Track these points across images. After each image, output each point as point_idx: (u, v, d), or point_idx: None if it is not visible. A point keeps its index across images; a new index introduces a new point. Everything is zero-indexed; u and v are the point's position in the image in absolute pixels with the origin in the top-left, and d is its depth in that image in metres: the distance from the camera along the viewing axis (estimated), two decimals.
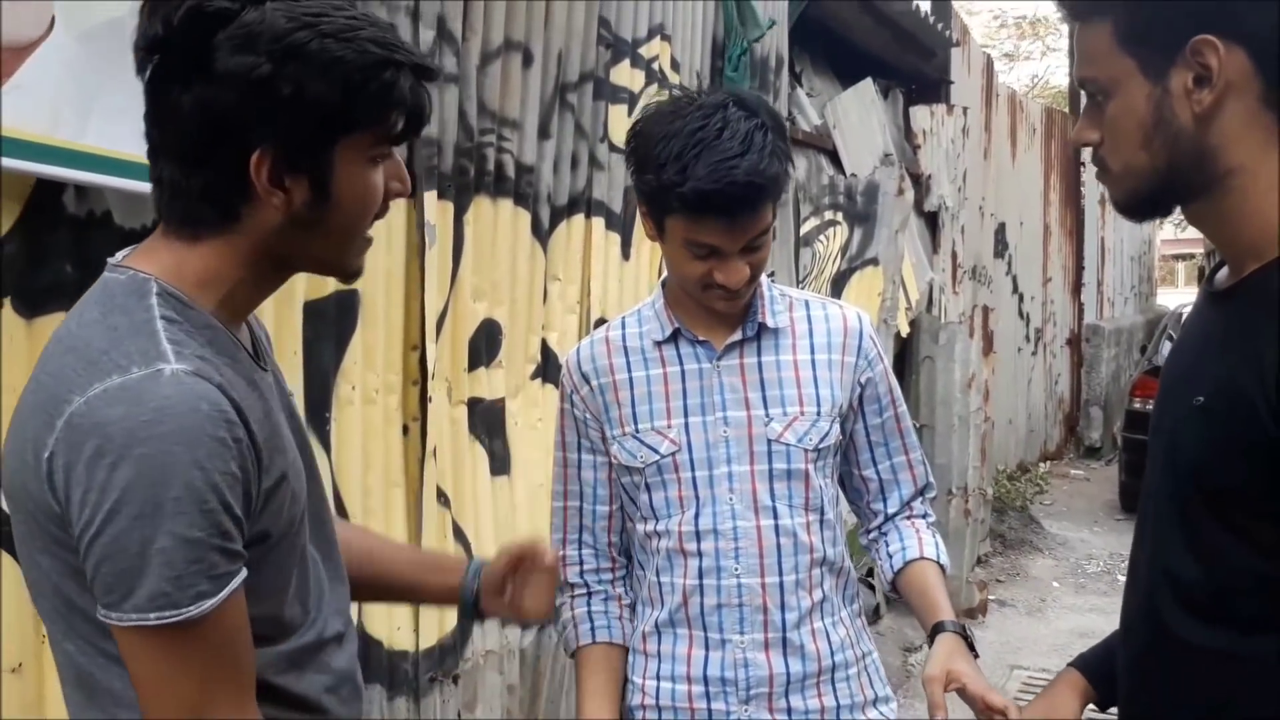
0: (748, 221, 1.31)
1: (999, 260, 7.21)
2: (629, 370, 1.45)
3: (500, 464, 2.51)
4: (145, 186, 1.53)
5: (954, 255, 5.66)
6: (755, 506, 1.40)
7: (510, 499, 2.53)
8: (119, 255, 0.97)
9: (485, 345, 2.44)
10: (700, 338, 1.43)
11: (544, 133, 2.54)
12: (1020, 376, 7.94)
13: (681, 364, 1.44)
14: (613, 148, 2.81)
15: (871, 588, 4.41)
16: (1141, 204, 1.01)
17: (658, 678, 1.44)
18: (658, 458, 1.42)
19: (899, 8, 4.83)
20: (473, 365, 2.41)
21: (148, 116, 0.93)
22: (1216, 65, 0.90)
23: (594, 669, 1.46)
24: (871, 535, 1.55)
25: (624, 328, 1.50)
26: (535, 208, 2.54)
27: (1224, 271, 1.02)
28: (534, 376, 2.61)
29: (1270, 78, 0.90)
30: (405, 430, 2.24)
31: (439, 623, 2.31)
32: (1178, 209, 1.01)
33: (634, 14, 2.86)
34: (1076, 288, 9.94)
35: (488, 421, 2.47)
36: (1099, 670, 1.22)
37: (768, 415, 1.41)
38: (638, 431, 1.43)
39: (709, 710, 1.41)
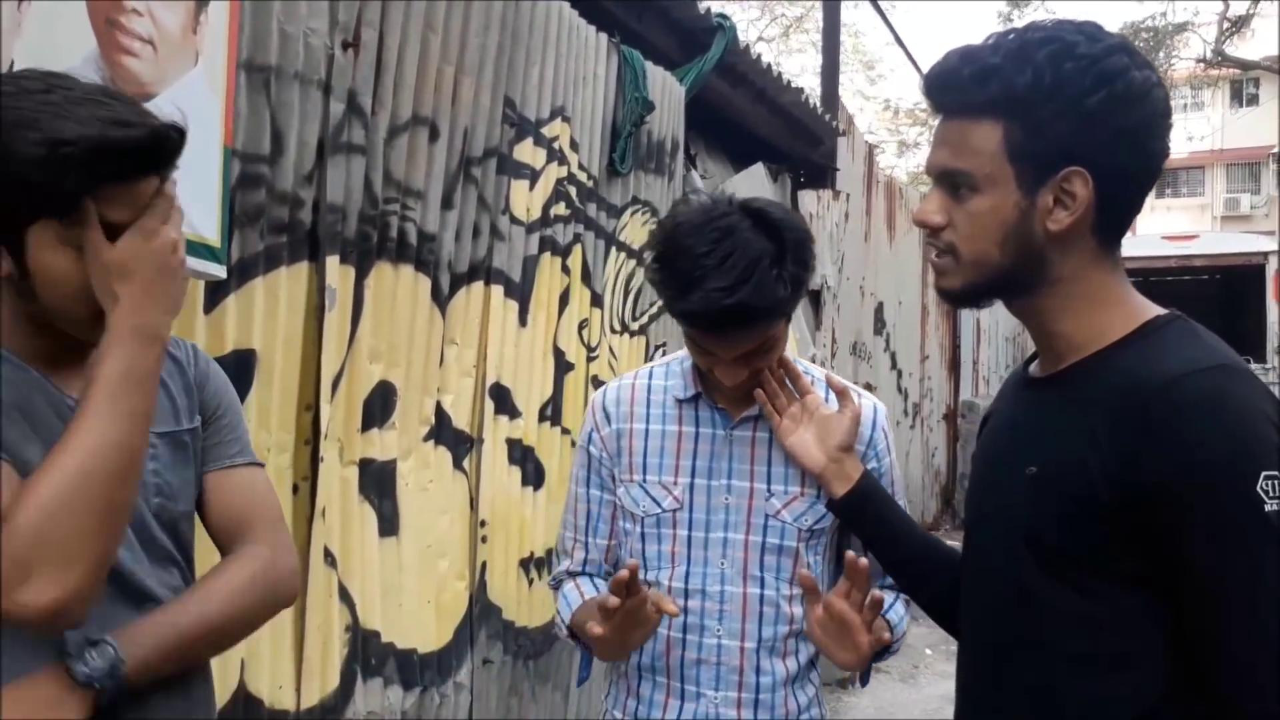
0: (740, 339, 1.38)
1: (878, 337, 7.57)
2: (647, 421, 1.53)
3: (389, 525, 2.54)
4: None
5: (833, 331, 5.95)
6: (745, 574, 1.47)
7: (398, 560, 2.56)
8: None
9: (380, 406, 2.49)
10: (719, 405, 1.51)
11: (447, 203, 2.64)
12: (899, 448, 8.27)
13: (697, 425, 1.51)
14: (514, 219, 2.93)
15: None
16: (975, 292, 1.13)
17: (636, 717, 1.53)
18: (659, 511, 1.50)
19: (790, 98, 5.14)
20: (366, 426, 2.45)
21: None
22: (1082, 194, 1.04)
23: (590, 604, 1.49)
24: None
25: (651, 378, 1.57)
26: (435, 274, 2.63)
27: (1035, 364, 1.17)
28: (427, 438, 2.66)
29: (1099, 213, 1.06)
30: (295, 489, 2.26)
31: (320, 682, 2.31)
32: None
33: (537, 96, 3.00)
34: (953, 365, 10.46)
35: (379, 482, 2.50)
36: (865, 509, 1.43)
37: (769, 490, 1.48)
38: (645, 481, 1.51)
39: None
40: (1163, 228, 20.80)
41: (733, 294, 1.31)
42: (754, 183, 4.97)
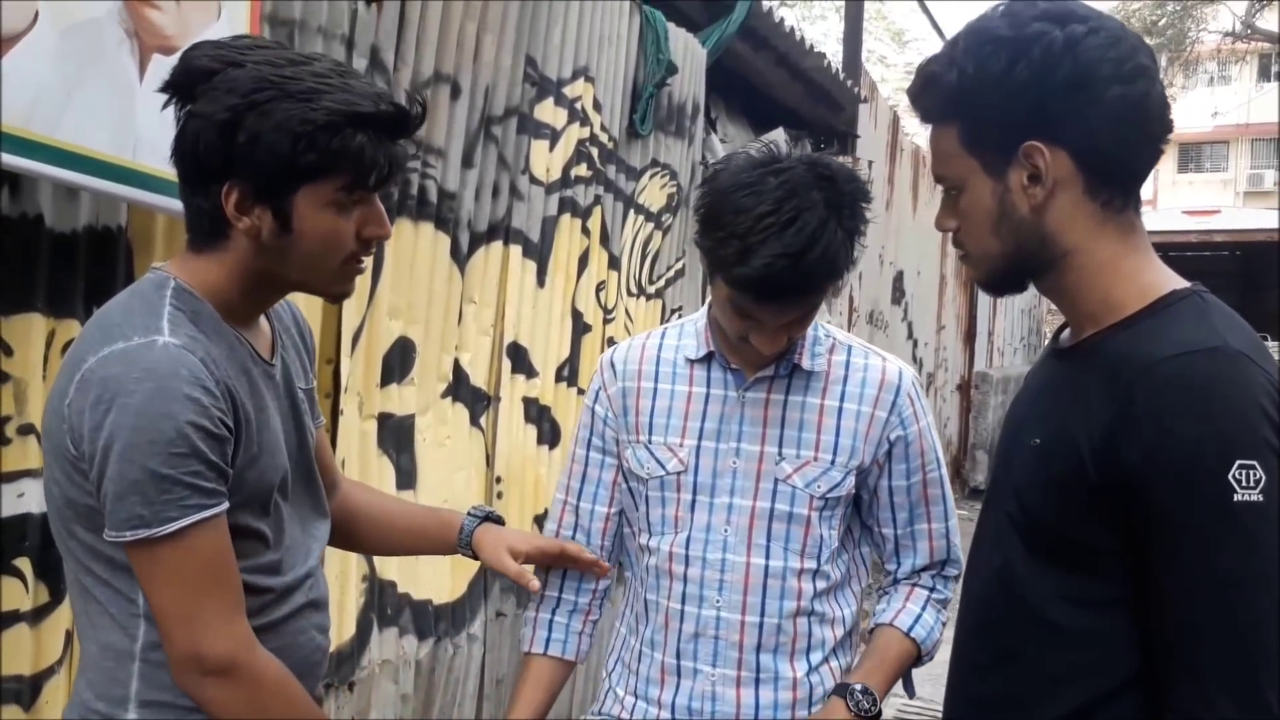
0: (795, 306, 1.32)
1: (896, 307, 7.55)
2: (656, 380, 1.46)
3: (406, 478, 2.58)
4: (116, 187, 1.59)
5: (851, 300, 5.94)
6: (749, 543, 1.39)
7: None
8: (160, 264, 1.19)
9: (399, 362, 2.52)
10: (733, 365, 1.43)
11: (467, 162, 2.64)
12: None
13: (708, 387, 1.43)
14: (533, 180, 2.93)
15: None
16: (997, 281, 1.16)
17: (635, 695, 1.47)
18: (663, 473, 1.42)
19: (812, 63, 5.09)
20: (385, 381, 2.48)
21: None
22: (1044, 166, 1.04)
23: (533, 681, 1.48)
24: (877, 596, 1.56)
25: (663, 338, 1.51)
26: (455, 232, 2.64)
27: (1068, 332, 1.17)
28: (445, 395, 2.69)
29: (1089, 174, 1.05)
30: None
31: (337, 630, 2.35)
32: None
33: (559, 55, 2.99)
34: (969, 336, 10.43)
35: (397, 436, 2.54)
36: None
37: (780, 454, 1.39)
38: (650, 443, 1.44)
39: None
40: (1184, 203, 20.56)
41: (799, 261, 1.24)
42: None
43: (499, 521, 1.47)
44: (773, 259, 1.23)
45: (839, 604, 1.47)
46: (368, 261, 1.22)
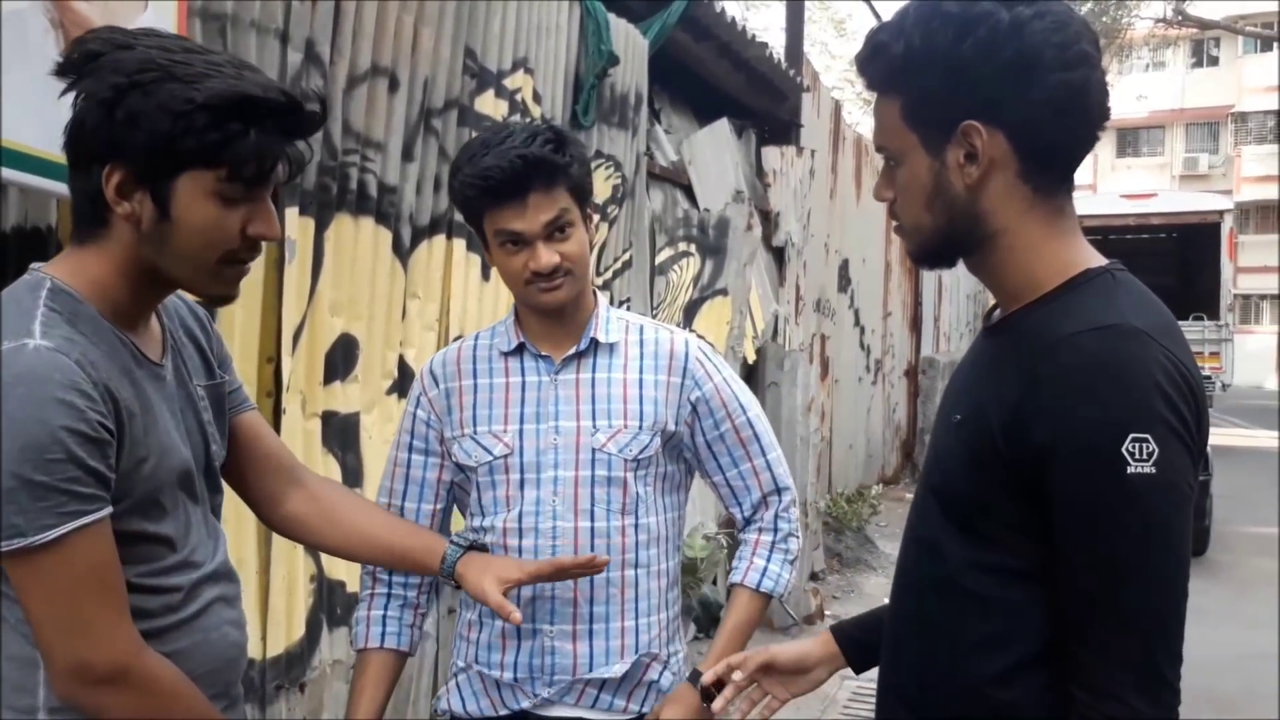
0: (538, 201, 1.45)
1: (842, 294, 7.64)
2: (475, 377, 1.58)
3: (353, 477, 2.55)
4: (39, 180, 1.56)
5: (797, 288, 6.00)
6: (575, 509, 1.52)
7: None
8: (39, 264, 1.14)
9: (342, 359, 2.49)
10: (542, 352, 1.56)
11: (407, 155, 2.62)
12: (860, 404, 8.40)
13: (523, 375, 1.56)
14: None
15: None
16: (928, 255, 1.18)
17: (476, 661, 1.56)
18: (490, 458, 1.54)
19: (754, 53, 5.12)
20: (329, 379, 2.45)
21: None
22: (980, 146, 1.06)
23: (371, 676, 1.55)
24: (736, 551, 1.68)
25: (476, 339, 1.62)
26: (396, 227, 2.62)
27: (998, 310, 1.19)
28: (390, 391, 2.67)
29: (1024, 157, 1.07)
30: None
31: (286, 631, 2.33)
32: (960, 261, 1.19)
33: (499, 47, 2.98)
34: (915, 322, 10.58)
35: (342, 435, 2.51)
36: (853, 636, 1.40)
37: (595, 426, 1.54)
38: (475, 433, 1.55)
39: (514, 695, 1.53)
40: (1122, 187, 21.05)
41: (520, 148, 1.44)
42: (718, 138, 4.97)
43: (482, 549, 1.49)
44: (498, 152, 1.44)
45: (661, 557, 1.60)
46: (251, 265, 1.17)
